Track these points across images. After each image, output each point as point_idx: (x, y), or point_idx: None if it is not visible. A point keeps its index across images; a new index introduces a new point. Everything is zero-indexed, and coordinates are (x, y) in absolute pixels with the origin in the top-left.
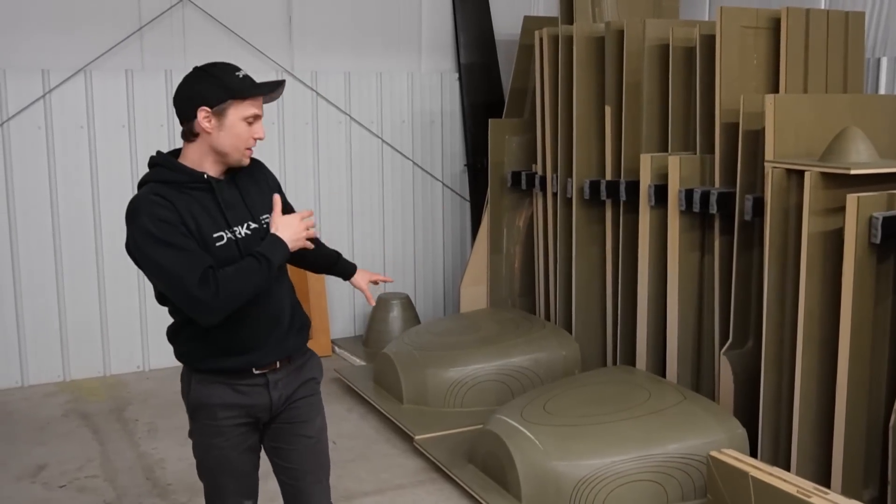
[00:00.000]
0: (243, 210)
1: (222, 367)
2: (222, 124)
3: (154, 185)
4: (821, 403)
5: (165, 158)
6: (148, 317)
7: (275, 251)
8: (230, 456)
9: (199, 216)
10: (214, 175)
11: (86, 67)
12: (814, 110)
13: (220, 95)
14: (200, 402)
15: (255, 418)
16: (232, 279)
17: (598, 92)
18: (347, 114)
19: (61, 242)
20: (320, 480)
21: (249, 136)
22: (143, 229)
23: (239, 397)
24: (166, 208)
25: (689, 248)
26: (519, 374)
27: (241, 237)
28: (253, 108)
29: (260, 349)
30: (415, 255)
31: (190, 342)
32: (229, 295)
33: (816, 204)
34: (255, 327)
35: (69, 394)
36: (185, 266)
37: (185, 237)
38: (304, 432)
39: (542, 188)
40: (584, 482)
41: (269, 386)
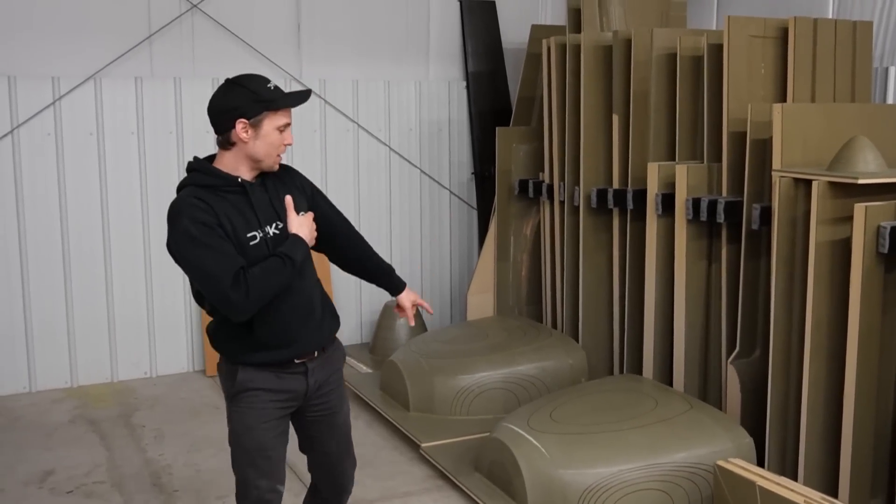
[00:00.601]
0: (271, 211)
1: (266, 361)
2: (258, 134)
3: (193, 188)
4: (828, 413)
5: (202, 164)
6: (156, 323)
7: (297, 250)
8: (267, 437)
9: (234, 218)
10: (248, 179)
11: (95, 75)
12: (821, 119)
13: (256, 108)
14: (245, 388)
15: (292, 404)
16: (260, 279)
17: (605, 101)
18: (355, 121)
19: (70, 248)
20: (349, 455)
21: (281, 142)
22: (184, 231)
23: (281, 383)
24: (205, 211)
25: (696, 257)
26: (526, 382)
27: (270, 236)
28: (285, 117)
29: (299, 341)
30: (422, 263)
31: (232, 341)
32: (258, 294)
33: (824, 213)
34: (292, 322)
35: (76, 399)
36: (220, 268)
37: (222, 239)
38: (337, 422)
39: (549, 196)
40: (591, 491)
41: (307, 374)
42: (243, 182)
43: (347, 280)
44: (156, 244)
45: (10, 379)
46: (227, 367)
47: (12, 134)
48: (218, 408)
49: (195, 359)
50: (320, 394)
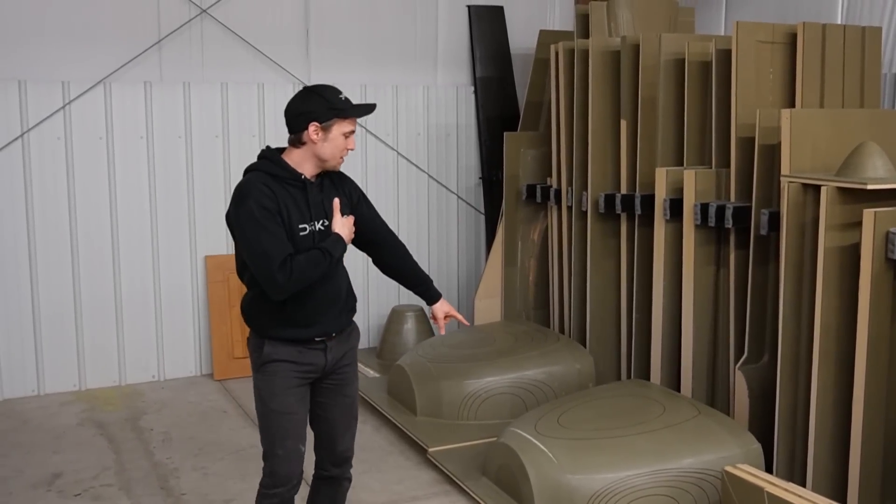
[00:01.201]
0: (321, 209)
1: (292, 337)
2: (327, 137)
3: (261, 174)
4: (837, 419)
5: (273, 154)
6: (164, 327)
7: (336, 247)
8: (290, 401)
9: (291, 208)
10: (309, 177)
11: (105, 79)
12: (830, 125)
13: (329, 114)
14: (272, 359)
15: (312, 375)
16: (303, 267)
17: (613, 106)
18: (363, 126)
19: (79, 252)
20: (350, 428)
21: (345, 146)
22: (249, 212)
23: (303, 356)
24: (269, 198)
25: (704, 263)
26: (533, 388)
27: (317, 231)
28: (351, 125)
29: (322, 322)
30: (429, 268)
31: (264, 315)
32: (299, 279)
33: (833, 219)
34: (320, 305)
35: (85, 403)
36: (273, 250)
37: (278, 225)
38: (345, 392)
39: (556, 201)
40: (599, 496)
41: (326, 350)
42: (304, 179)
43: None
44: (164, 247)
45: (19, 382)
46: (255, 340)
47: (22, 138)
48: (226, 412)
49: (203, 363)
50: (337, 367)
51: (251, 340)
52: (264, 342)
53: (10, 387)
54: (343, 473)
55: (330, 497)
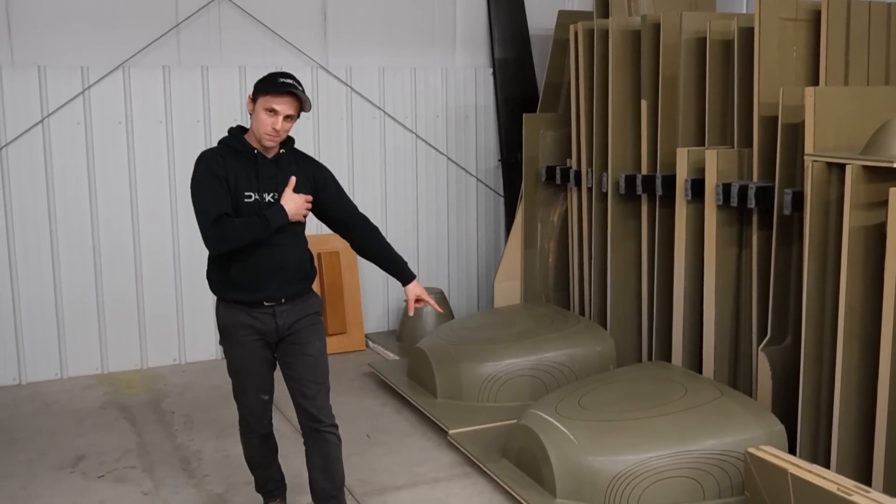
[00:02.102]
0: (272, 183)
1: (239, 299)
2: (254, 110)
3: (221, 146)
4: (862, 401)
5: (235, 131)
6: (185, 311)
7: (276, 216)
8: (248, 362)
9: (240, 177)
10: (264, 152)
11: (124, 64)
12: (855, 103)
13: (256, 90)
14: (225, 323)
15: (266, 337)
16: (237, 227)
17: (633, 86)
18: (382, 109)
19: (100, 236)
20: (319, 383)
21: (269, 124)
22: (198, 175)
23: (253, 321)
24: (219, 165)
25: (727, 243)
26: (553, 370)
27: (264, 202)
28: (275, 104)
29: (267, 288)
30: (448, 250)
31: (217, 279)
32: (232, 238)
33: (858, 198)
34: (262, 272)
35: (107, 386)
36: (211, 207)
37: (223, 190)
38: (305, 352)
39: (576, 183)
40: (620, 478)
41: (275, 315)
42: (257, 154)
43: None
44: (184, 232)
45: (43, 365)
46: (216, 303)
47: (42, 123)
48: None
49: None
50: (292, 331)
51: (215, 303)
52: (220, 305)
53: (34, 370)
54: (321, 426)
55: (320, 455)
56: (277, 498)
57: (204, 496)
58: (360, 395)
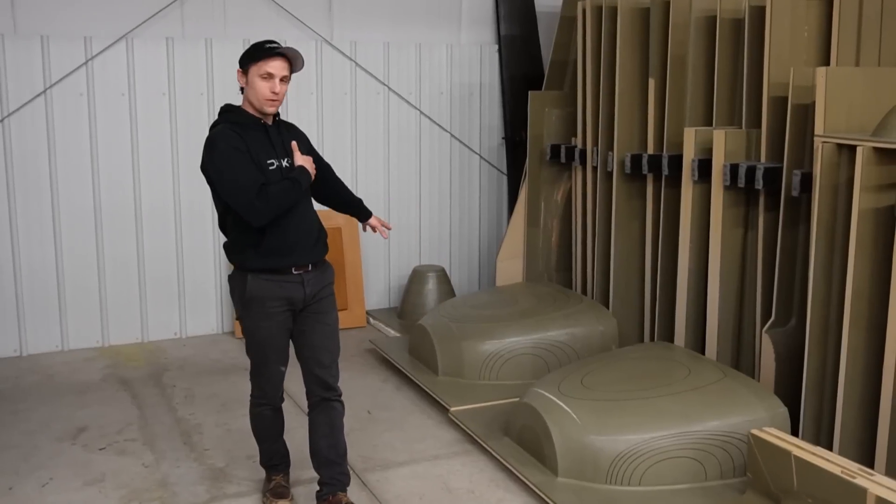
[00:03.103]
0: (283, 149)
1: (271, 266)
2: (248, 81)
3: (226, 124)
4: (866, 383)
5: (231, 107)
6: (186, 284)
7: (303, 177)
8: (273, 333)
9: (258, 147)
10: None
11: (127, 35)
12: (866, 84)
13: (244, 59)
14: (254, 295)
15: (293, 307)
16: (278, 193)
17: (641, 64)
18: (386, 84)
19: (101, 209)
20: (333, 354)
21: (268, 89)
22: (222, 153)
23: (281, 290)
24: (238, 139)
25: (733, 224)
26: (555, 349)
27: (283, 166)
28: (269, 68)
29: (298, 252)
30: (451, 228)
31: (247, 249)
32: (276, 204)
33: (868, 180)
34: (295, 235)
35: (108, 359)
36: (249, 181)
37: (250, 162)
38: (324, 321)
39: (581, 162)
40: (622, 457)
41: (303, 283)
42: (263, 123)
43: (377, 247)
44: (186, 205)
45: (44, 337)
46: (238, 276)
47: (45, 94)
48: (247, 370)
49: (224, 321)
50: (315, 300)
51: (234, 277)
52: (247, 277)
53: (35, 342)
54: (331, 395)
55: (328, 423)
56: (281, 472)
57: (205, 469)
58: (362, 372)
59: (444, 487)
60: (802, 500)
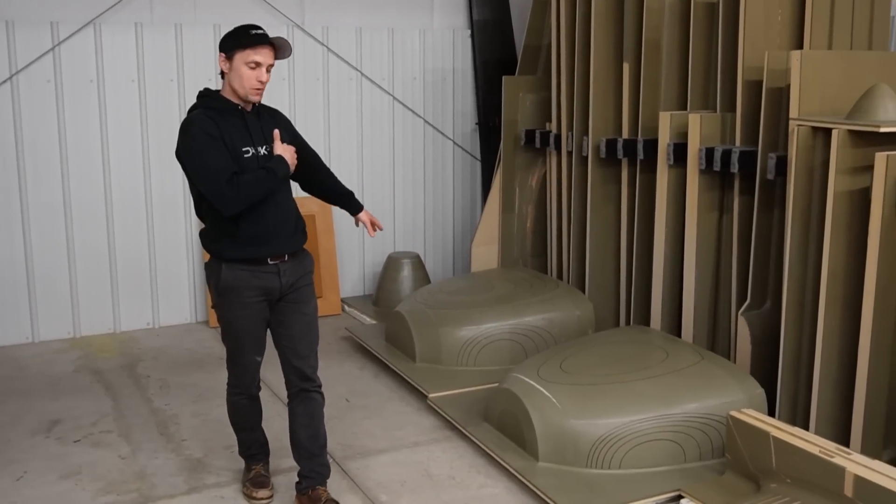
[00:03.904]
0: (261, 136)
1: (246, 256)
2: (232, 67)
3: (203, 109)
4: (842, 364)
5: (210, 92)
6: (158, 273)
7: (280, 167)
8: (249, 324)
9: (234, 134)
10: (243, 107)
11: (95, 20)
12: (840, 67)
13: (230, 44)
14: (229, 285)
15: (269, 297)
16: (249, 183)
17: (616, 48)
18: (359, 70)
19: (71, 197)
20: (311, 344)
21: (253, 77)
22: (194, 138)
23: (257, 281)
24: (212, 125)
25: (708, 208)
26: (532, 334)
27: (260, 155)
28: (256, 56)
29: (275, 242)
30: (425, 214)
31: (222, 238)
32: (247, 194)
33: (843, 163)
34: (271, 224)
35: (80, 350)
36: (220, 168)
37: (223, 149)
38: (302, 311)
39: (556, 147)
40: (603, 441)
41: (279, 273)
42: (241, 109)
43: (350, 234)
44: (157, 193)
45: (14, 329)
46: (213, 265)
47: (11, 80)
48: (222, 359)
49: (198, 310)
50: (292, 289)
51: (210, 265)
52: (222, 266)
53: (5, 334)
54: (310, 386)
55: (307, 414)
56: (260, 462)
57: (182, 460)
58: (338, 360)
59: (424, 474)
60: (781, 480)
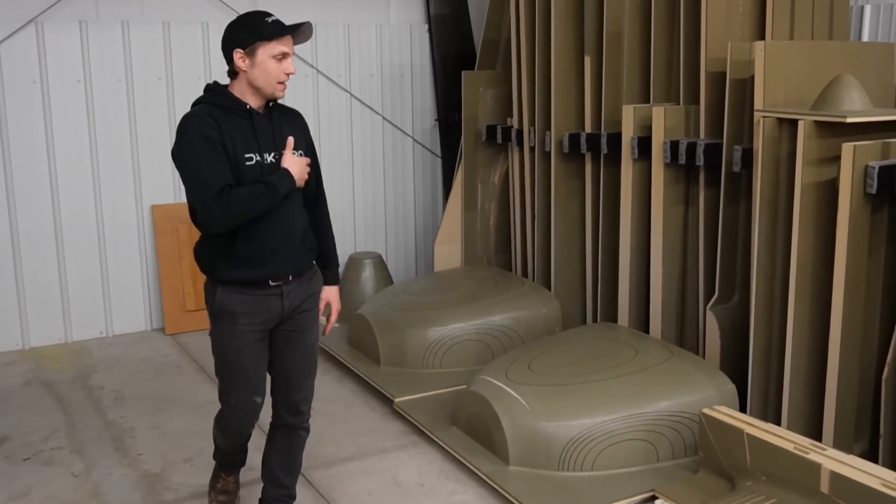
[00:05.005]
0: (271, 142)
1: (244, 278)
2: (254, 62)
3: (206, 106)
4: (812, 357)
5: (218, 86)
6: (110, 280)
7: (283, 182)
8: (245, 356)
9: (237, 138)
10: (255, 107)
11: (36, 18)
12: (804, 58)
13: (250, 38)
14: (224, 309)
15: (268, 325)
16: (242, 200)
17: (577, 41)
18: (314, 67)
19: (16, 204)
20: (309, 376)
21: (280, 71)
22: (189, 141)
23: (257, 305)
24: (211, 127)
25: (674, 202)
26: (499, 333)
27: (266, 163)
28: (280, 47)
29: (275, 262)
30: (385, 213)
31: (215, 256)
32: (237, 211)
33: (810, 154)
34: (270, 242)
35: (30, 361)
36: (211, 178)
37: (220, 155)
38: (304, 339)
39: (518, 142)
40: (574, 443)
41: (282, 296)
42: (250, 109)
43: None
44: (107, 196)
45: None
46: (209, 286)
47: None
48: (180, 367)
49: (153, 317)
50: (295, 314)
51: (206, 286)
52: (217, 288)
53: None
54: (299, 423)
55: (285, 446)
56: (232, 473)
57: (139, 476)
58: None
59: (393, 482)
60: (756, 477)
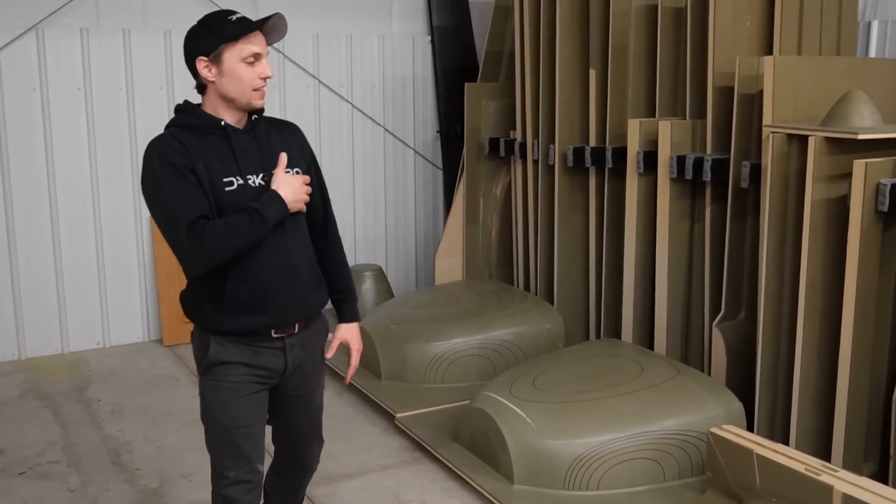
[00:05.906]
0: (256, 161)
1: (240, 329)
2: (222, 70)
3: (175, 129)
4: (821, 376)
5: (188, 105)
6: (108, 290)
7: (271, 208)
8: (244, 412)
9: (212, 160)
10: (232, 122)
11: (37, 25)
12: (813, 73)
13: (213, 42)
14: (219, 360)
15: (269, 381)
16: (221, 232)
17: (582, 54)
18: (316, 77)
19: (14, 213)
20: (317, 437)
21: (254, 76)
22: (152, 170)
23: (257, 358)
24: (178, 152)
25: (680, 217)
26: (501, 348)
27: (252, 186)
28: (250, 47)
29: (277, 307)
30: (386, 226)
31: (204, 306)
32: (216, 248)
33: (820, 170)
34: (269, 283)
35: (26, 373)
36: (179, 211)
37: (189, 184)
38: (311, 403)
39: (521, 155)
40: (580, 461)
41: (285, 350)
42: (226, 125)
43: None
44: (106, 206)
45: None
46: (199, 335)
47: None
48: (178, 380)
49: (151, 328)
50: (299, 373)
51: (195, 336)
52: (209, 339)
53: None
54: (308, 474)
55: (292, 489)
56: None
57: (136, 492)
58: None
59: (395, 499)
60: (766, 498)
